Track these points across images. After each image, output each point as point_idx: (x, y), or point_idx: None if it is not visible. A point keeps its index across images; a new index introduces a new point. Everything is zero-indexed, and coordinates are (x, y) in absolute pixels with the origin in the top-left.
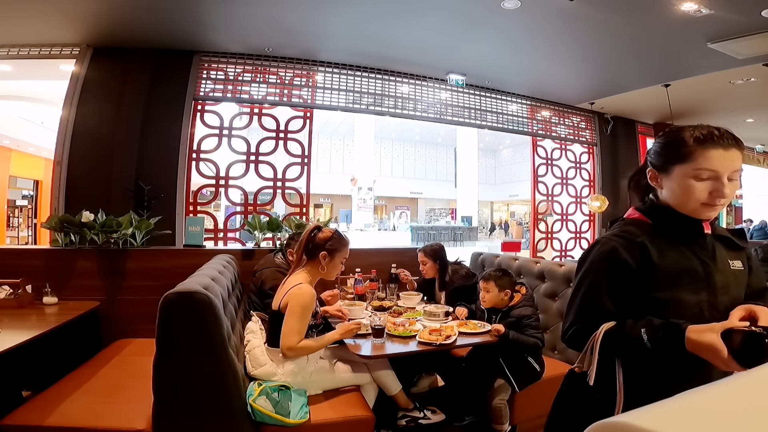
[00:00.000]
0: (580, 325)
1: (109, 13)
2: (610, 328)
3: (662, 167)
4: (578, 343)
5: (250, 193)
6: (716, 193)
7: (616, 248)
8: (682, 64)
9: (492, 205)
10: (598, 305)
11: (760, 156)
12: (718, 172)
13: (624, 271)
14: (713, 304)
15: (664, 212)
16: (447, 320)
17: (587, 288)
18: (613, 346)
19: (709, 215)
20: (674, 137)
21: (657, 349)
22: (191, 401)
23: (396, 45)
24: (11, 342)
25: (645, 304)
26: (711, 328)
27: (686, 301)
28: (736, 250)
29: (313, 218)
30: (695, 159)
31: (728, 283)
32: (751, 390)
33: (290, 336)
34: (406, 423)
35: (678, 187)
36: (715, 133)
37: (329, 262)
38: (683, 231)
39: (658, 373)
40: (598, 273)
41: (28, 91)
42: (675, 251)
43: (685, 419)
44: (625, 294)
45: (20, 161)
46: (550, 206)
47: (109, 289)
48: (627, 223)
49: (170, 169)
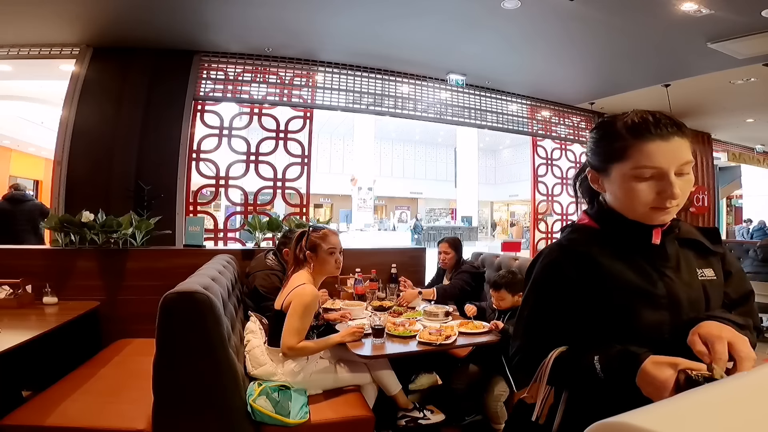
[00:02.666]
0: (528, 349)
1: (109, 13)
2: (559, 354)
3: (600, 168)
4: (527, 369)
5: (250, 193)
6: (665, 194)
7: (559, 260)
8: (682, 64)
9: (492, 205)
10: (545, 327)
11: (760, 156)
12: (662, 169)
13: (569, 286)
14: (676, 324)
15: (612, 217)
16: (447, 320)
17: (532, 307)
18: (563, 375)
19: (662, 219)
20: (607, 129)
21: (611, 380)
22: (191, 401)
23: (396, 45)
24: (11, 342)
25: (597, 325)
26: (674, 364)
27: (644, 321)
28: (709, 255)
29: (313, 218)
30: (632, 156)
31: (697, 298)
32: (751, 390)
33: (291, 336)
34: (405, 423)
35: (620, 191)
36: (649, 120)
37: (315, 257)
38: (634, 239)
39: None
40: (542, 290)
41: (28, 91)
42: (627, 263)
43: (685, 419)
44: (575, 313)
45: (20, 161)
46: (550, 206)
47: (109, 289)
48: (574, 230)
49: (170, 169)
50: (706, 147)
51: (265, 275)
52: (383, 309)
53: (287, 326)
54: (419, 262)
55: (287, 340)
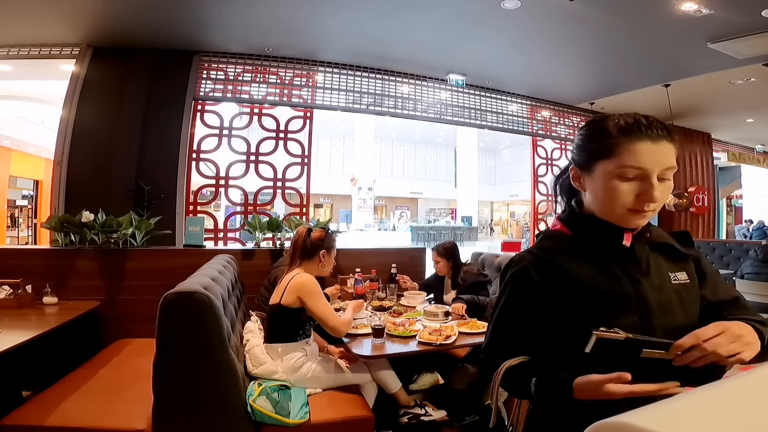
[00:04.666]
0: (491, 349)
1: (109, 13)
2: (513, 365)
3: (585, 165)
4: (489, 367)
5: (250, 193)
6: (644, 197)
7: (527, 268)
8: (682, 64)
9: (492, 205)
10: (510, 330)
11: (760, 156)
12: (646, 170)
13: (537, 294)
14: (647, 328)
15: (585, 221)
16: (447, 320)
17: (500, 311)
18: (509, 386)
19: (637, 223)
20: (597, 127)
21: (544, 401)
22: (191, 401)
23: (396, 45)
24: (11, 342)
25: (565, 332)
26: (590, 382)
27: (612, 326)
28: (680, 259)
29: (313, 218)
30: (619, 154)
31: (668, 302)
32: (751, 390)
33: (330, 316)
34: (407, 420)
35: (601, 189)
36: (642, 121)
37: (328, 258)
38: (606, 243)
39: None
40: (511, 296)
41: (28, 91)
42: (597, 269)
43: (685, 419)
44: (541, 319)
45: (20, 161)
46: (550, 206)
47: (109, 289)
48: (546, 237)
49: (170, 169)
50: (706, 147)
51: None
52: (383, 309)
53: (321, 313)
54: (419, 262)
55: (330, 321)
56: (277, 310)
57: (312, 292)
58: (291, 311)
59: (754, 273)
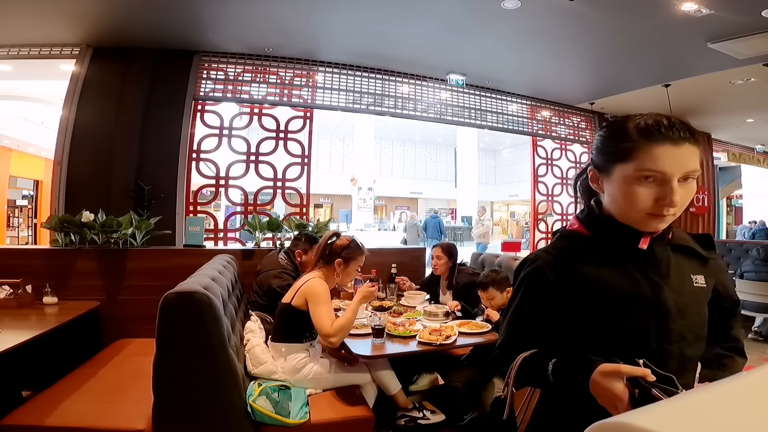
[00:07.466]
0: (506, 345)
1: (109, 13)
2: (527, 356)
3: (603, 166)
4: (503, 363)
5: (250, 193)
6: (663, 201)
7: (542, 268)
8: (682, 64)
9: (492, 205)
10: (525, 328)
11: (760, 156)
12: (666, 174)
13: (551, 294)
14: (663, 332)
15: (603, 223)
16: (447, 320)
17: (515, 308)
18: (526, 377)
19: (656, 227)
20: (617, 129)
21: (560, 385)
22: (191, 401)
23: (396, 45)
24: (11, 342)
25: (581, 332)
26: (618, 372)
27: (628, 330)
28: (701, 262)
29: (313, 218)
30: (638, 157)
31: (687, 305)
32: (751, 390)
33: (322, 323)
34: (405, 423)
35: (618, 192)
36: (663, 123)
37: (344, 269)
38: (623, 244)
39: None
40: (525, 296)
41: (28, 91)
42: (615, 270)
43: (685, 419)
44: (556, 319)
45: (20, 161)
46: (550, 206)
47: (109, 289)
48: (563, 236)
49: (170, 169)
50: (706, 147)
51: (278, 274)
52: (383, 309)
53: (317, 318)
54: (419, 262)
55: (322, 329)
56: (286, 310)
57: (316, 296)
58: (299, 313)
59: (754, 272)
